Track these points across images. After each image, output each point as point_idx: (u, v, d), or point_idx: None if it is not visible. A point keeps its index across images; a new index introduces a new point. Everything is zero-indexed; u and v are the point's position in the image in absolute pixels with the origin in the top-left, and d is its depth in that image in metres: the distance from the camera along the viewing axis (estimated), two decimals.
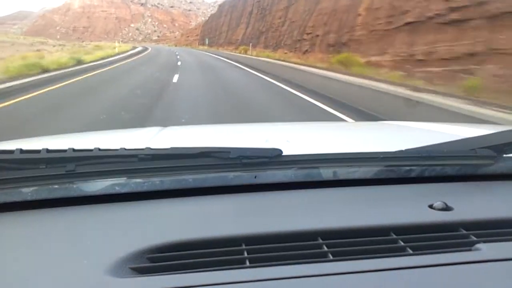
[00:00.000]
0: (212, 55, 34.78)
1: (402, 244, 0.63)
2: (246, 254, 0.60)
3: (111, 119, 5.86)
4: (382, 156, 0.87)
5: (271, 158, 0.82)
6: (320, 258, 0.59)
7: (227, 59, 27.09)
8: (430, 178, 0.88)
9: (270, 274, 0.54)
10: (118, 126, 5.09)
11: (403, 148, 0.89)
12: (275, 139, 1.27)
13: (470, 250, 0.60)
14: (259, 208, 0.77)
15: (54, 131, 4.74)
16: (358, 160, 0.88)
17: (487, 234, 0.66)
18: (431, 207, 0.74)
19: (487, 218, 0.72)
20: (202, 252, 0.60)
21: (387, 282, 0.53)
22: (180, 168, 0.80)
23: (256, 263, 0.58)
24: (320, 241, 0.64)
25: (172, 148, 0.81)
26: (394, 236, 0.65)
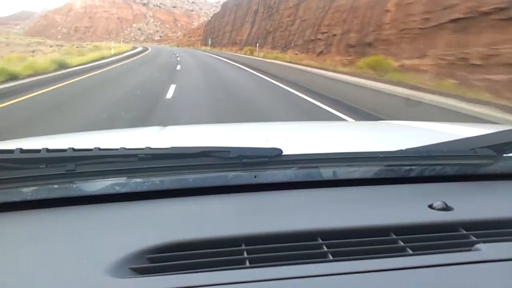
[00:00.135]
0: (218, 57, 32.43)
1: (402, 244, 0.63)
2: (246, 254, 0.60)
3: None
4: (382, 155, 0.87)
5: (271, 157, 0.82)
6: (320, 258, 0.59)
7: (233, 61, 24.72)
8: (430, 178, 0.88)
9: (270, 274, 0.54)
10: None
11: (403, 148, 0.90)
12: (275, 139, 1.29)
13: (470, 250, 0.60)
14: (259, 208, 0.77)
15: None
16: (358, 160, 0.88)
17: (487, 234, 0.66)
18: (431, 207, 0.74)
19: (487, 218, 0.72)
20: (202, 252, 0.60)
21: (387, 282, 0.54)
22: (180, 168, 0.81)
23: (256, 263, 0.58)
24: (320, 241, 0.64)
25: (172, 147, 0.81)
26: (394, 236, 0.66)
